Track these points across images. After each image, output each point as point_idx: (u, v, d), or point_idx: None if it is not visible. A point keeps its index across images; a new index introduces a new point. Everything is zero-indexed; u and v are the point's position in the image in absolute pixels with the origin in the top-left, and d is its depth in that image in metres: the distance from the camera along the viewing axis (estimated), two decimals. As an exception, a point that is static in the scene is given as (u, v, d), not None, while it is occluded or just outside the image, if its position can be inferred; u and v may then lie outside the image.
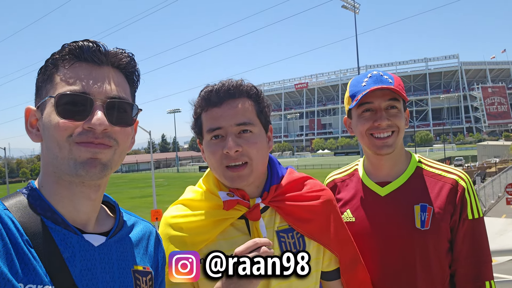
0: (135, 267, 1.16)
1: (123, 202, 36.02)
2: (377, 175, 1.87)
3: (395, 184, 1.81)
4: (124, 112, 1.09)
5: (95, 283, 1.03)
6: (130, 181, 65.77)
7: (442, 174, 1.80)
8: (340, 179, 2.02)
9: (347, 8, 39.90)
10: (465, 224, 1.72)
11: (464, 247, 1.72)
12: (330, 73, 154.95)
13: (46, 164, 1.07)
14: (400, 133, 1.77)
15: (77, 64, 1.05)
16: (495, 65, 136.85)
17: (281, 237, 1.47)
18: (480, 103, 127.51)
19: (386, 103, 1.74)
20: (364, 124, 1.78)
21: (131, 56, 1.14)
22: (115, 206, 1.24)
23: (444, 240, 1.73)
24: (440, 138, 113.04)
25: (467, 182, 1.77)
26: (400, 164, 1.84)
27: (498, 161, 49.14)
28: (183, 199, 1.56)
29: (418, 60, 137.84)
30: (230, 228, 1.46)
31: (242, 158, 1.40)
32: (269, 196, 1.48)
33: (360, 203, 1.86)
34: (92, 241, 1.07)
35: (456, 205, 1.73)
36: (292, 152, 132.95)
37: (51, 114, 1.02)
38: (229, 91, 1.42)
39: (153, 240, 1.29)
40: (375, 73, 1.79)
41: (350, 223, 1.83)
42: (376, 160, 1.85)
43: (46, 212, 1.03)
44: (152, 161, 27.02)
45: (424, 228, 1.71)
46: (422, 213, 1.73)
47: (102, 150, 1.03)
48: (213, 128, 1.41)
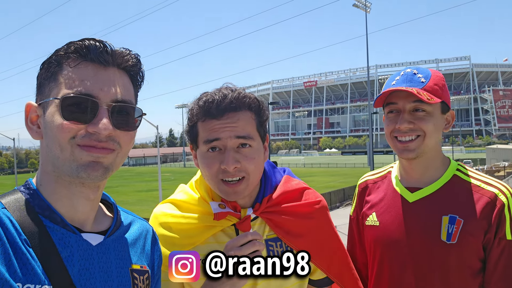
0: (133, 266, 1.15)
1: (129, 195, 36.29)
2: (408, 180, 1.76)
3: (426, 191, 1.69)
4: (129, 116, 1.08)
5: (93, 282, 1.02)
6: (137, 175, 66.19)
7: (481, 185, 1.63)
8: (372, 181, 1.93)
9: (358, 7, 39.70)
10: (501, 244, 1.55)
11: (498, 269, 1.56)
12: (340, 72, 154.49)
13: (45, 162, 1.06)
14: (427, 138, 1.63)
15: (83, 64, 1.03)
16: (507, 67, 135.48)
17: (269, 245, 1.45)
18: (491, 106, 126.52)
19: (411, 105, 1.62)
20: (388, 126, 1.69)
21: (137, 57, 1.12)
22: (112, 204, 1.23)
23: (472, 258, 1.58)
24: (449, 140, 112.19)
25: (509, 197, 1.58)
26: (434, 171, 1.71)
27: (507, 164, 48.60)
28: (174, 199, 1.53)
29: (429, 61, 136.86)
30: (220, 233, 1.45)
31: (240, 174, 1.36)
32: (261, 207, 1.45)
33: (387, 208, 1.76)
34: (90, 240, 1.06)
35: (492, 221, 1.56)
36: (299, 150, 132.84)
37: (55, 114, 1.01)
38: (231, 104, 1.35)
39: (150, 239, 1.28)
40: (408, 71, 1.68)
41: (373, 227, 1.76)
42: (406, 163, 1.74)
43: (44, 211, 1.02)
44: (158, 155, 27.13)
45: (450, 241, 1.57)
46: (450, 225, 1.59)
47: (105, 154, 1.03)
48: (211, 139, 1.35)
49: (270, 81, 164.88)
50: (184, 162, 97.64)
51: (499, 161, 54.61)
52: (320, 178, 45.44)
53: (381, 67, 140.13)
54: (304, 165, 75.53)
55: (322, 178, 44.94)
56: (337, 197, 28.03)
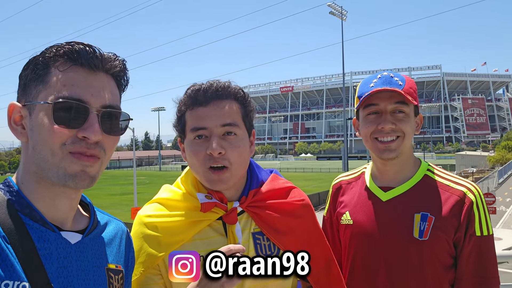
0: (109, 265, 1.16)
1: (103, 198, 35.51)
2: (382, 180, 1.80)
3: (398, 190, 1.74)
4: (116, 121, 1.10)
5: (70, 281, 1.03)
6: (111, 178, 64.84)
7: (450, 185, 1.70)
8: (346, 181, 1.97)
9: (334, 15, 40.45)
10: (471, 240, 1.61)
11: (469, 265, 1.61)
12: (316, 78, 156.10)
13: (28, 163, 1.06)
14: (406, 138, 1.69)
15: (73, 68, 1.03)
16: (475, 77, 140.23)
17: (256, 239, 1.47)
18: (460, 114, 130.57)
19: (392, 106, 1.67)
20: (369, 127, 1.71)
21: (124, 63, 1.14)
22: (89, 204, 1.23)
23: (443, 254, 1.63)
24: (420, 146, 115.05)
25: (477, 196, 1.65)
26: (407, 171, 1.76)
27: (475, 171, 50.31)
28: (159, 198, 1.55)
29: (402, 69, 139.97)
30: (207, 228, 1.45)
31: (223, 161, 1.39)
32: (247, 201, 1.48)
33: (360, 207, 1.80)
34: (69, 238, 1.07)
35: (461, 219, 1.62)
36: (275, 155, 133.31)
37: (45, 118, 1.00)
38: (217, 92, 1.41)
39: (125, 239, 1.29)
40: (385, 74, 1.72)
41: (348, 226, 1.79)
42: (381, 164, 1.78)
43: (24, 208, 1.02)
44: (134, 159, 26.87)
45: (422, 238, 1.63)
46: (422, 222, 1.64)
47: (92, 163, 1.03)
48: (198, 127, 1.40)
49: (247, 86, 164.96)
50: (159, 165, 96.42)
51: (467, 167, 56.45)
52: (295, 182, 44.85)
53: (356, 74, 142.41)
54: (280, 169, 75.83)
55: (298, 183, 44.99)
56: (312, 201, 27.22)
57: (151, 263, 1.39)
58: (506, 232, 21.48)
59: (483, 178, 37.35)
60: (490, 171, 47.18)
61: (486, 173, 45.18)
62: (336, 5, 40.33)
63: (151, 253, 1.40)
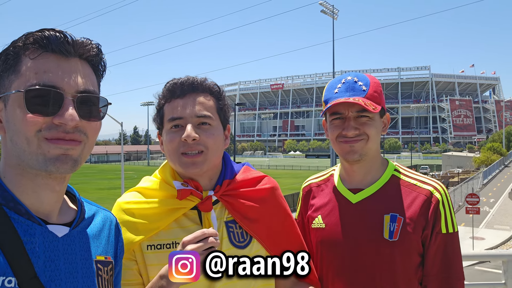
0: (97, 257, 1.15)
1: (90, 193, 35.23)
2: (350, 182, 1.81)
3: (367, 191, 1.75)
4: (94, 106, 1.08)
5: (57, 274, 1.02)
6: (99, 172, 64.39)
7: (417, 184, 1.73)
8: (315, 184, 1.97)
9: (326, 13, 40.51)
10: (437, 238, 1.65)
11: (436, 262, 1.65)
12: (306, 76, 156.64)
13: (8, 156, 1.04)
14: (370, 141, 1.71)
15: (44, 55, 1.01)
16: (463, 79, 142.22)
17: (229, 227, 1.52)
18: (448, 115, 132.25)
19: (355, 114, 1.69)
20: (334, 132, 1.74)
21: (99, 47, 1.11)
22: (76, 196, 1.22)
23: (414, 254, 1.66)
24: (408, 146, 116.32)
25: (443, 194, 1.69)
26: (374, 172, 1.78)
27: (461, 171, 51.12)
28: (138, 187, 1.60)
29: (391, 69, 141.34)
30: (183, 218, 1.50)
31: (198, 147, 1.46)
32: (221, 189, 1.54)
33: (331, 210, 1.80)
34: (56, 232, 1.05)
35: (428, 217, 1.65)
36: (264, 152, 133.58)
37: (18, 107, 0.99)
38: (193, 85, 1.51)
39: (114, 230, 1.28)
40: (349, 78, 1.73)
41: (320, 230, 1.80)
42: (349, 166, 1.80)
43: (8, 202, 1.00)
44: (122, 153, 26.68)
45: (392, 239, 1.64)
46: (391, 224, 1.66)
47: (73, 146, 1.02)
48: (175, 117, 1.48)
49: (237, 82, 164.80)
50: (148, 160, 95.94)
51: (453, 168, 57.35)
52: (284, 180, 45.97)
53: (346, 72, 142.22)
54: (269, 166, 76.05)
55: (287, 180, 45.50)
56: (300, 198, 28.41)
57: (127, 248, 1.40)
58: (489, 232, 21.94)
59: (468, 178, 37.92)
60: (475, 172, 47.94)
61: (471, 173, 45.90)
62: (327, 4, 40.36)
63: (128, 238, 1.42)
